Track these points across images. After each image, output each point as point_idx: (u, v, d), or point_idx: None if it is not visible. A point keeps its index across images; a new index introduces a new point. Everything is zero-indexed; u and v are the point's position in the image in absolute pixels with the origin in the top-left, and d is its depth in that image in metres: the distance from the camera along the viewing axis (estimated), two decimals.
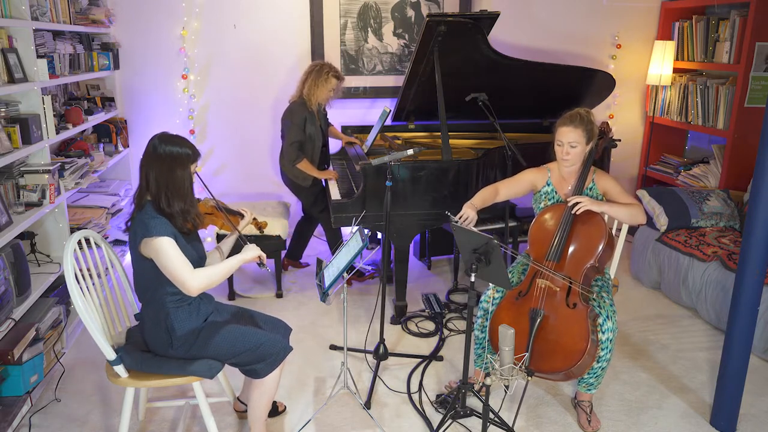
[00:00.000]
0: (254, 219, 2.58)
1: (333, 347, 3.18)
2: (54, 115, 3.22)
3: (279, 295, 3.79)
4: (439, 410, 2.66)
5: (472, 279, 2.18)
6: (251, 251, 2.28)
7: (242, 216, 2.52)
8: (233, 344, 2.16)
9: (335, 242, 3.87)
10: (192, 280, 2.08)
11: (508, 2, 4.55)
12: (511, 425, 2.46)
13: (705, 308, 3.44)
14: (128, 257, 4.18)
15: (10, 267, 2.53)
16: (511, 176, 2.78)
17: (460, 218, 2.50)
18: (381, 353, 2.95)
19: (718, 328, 3.40)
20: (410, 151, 2.84)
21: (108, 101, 4.22)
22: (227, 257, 2.40)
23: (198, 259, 2.21)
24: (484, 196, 2.65)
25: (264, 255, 2.31)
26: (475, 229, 2.21)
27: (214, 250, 2.48)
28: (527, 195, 2.78)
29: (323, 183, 3.84)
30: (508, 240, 3.75)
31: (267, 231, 3.52)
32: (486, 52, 3.59)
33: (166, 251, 2.06)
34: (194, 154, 2.18)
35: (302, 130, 3.61)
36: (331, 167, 4.00)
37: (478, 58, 3.63)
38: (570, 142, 2.50)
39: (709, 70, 4.53)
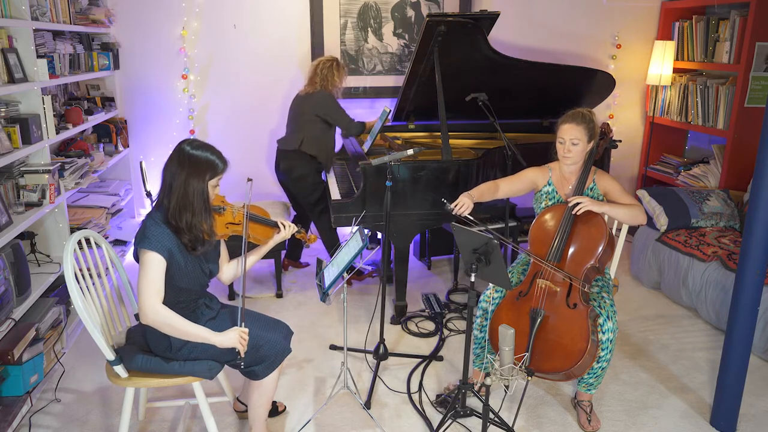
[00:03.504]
0: (299, 232, 2.47)
1: (333, 347, 3.18)
2: (54, 115, 3.22)
3: (279, 295, 3.79)
4: (439, 410, 2.66)
5: (472, 279, 2.18)
6: (228, 338, 2.07)
7: (278, 229, 2.40)
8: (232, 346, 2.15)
9: (332, 245, 3.86)
10: (151, 310, 1.99)
11: (508, 2, 4.56)
12: (511, 425, 2.46)
13: (705, 308, 3.44)
14: (128, 257, 4.18)
15: (10, 267, 2.53)
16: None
17: (455, 206, 2.51)
18: (381, 353, 2.96)
19: (718, 328, 3.40)
20: (410, 151, 2.84)
21: (108, 101, 4.22)
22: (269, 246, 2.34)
23: (200, 279, 2.16)
24: (483, 190, 2.66)
25: (242, 349, 2.08)
26: (475, 229, 2.21)
27: (234, 261, 2.39)
28: (527, 195, 2.79)
29: (324, 180, 3.85)
30: (508, 240, 3.74)
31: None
32: (486, 52, 3.59)
33: (148, 268, 2.00)
34: (221, 164, 2.09)
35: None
36: (334, 166, 4.03)
37: (478, 58, 3.63)
38: (571, 138, 2.51)
39: (709, 70, 4.53)
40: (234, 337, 2.08)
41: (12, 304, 2.52)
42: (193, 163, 2.05)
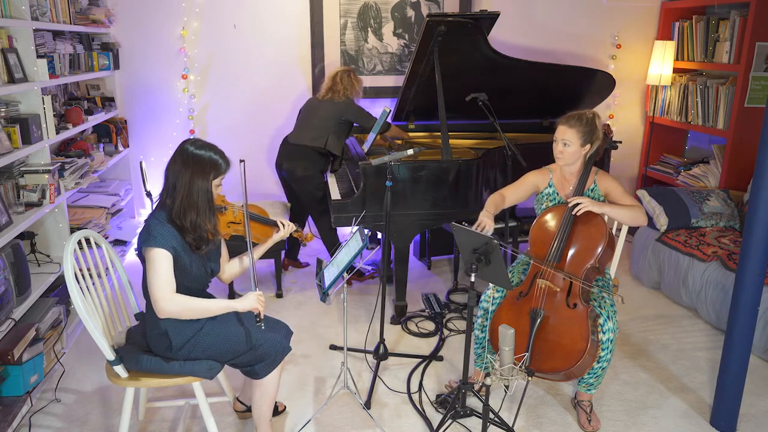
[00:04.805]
0: (296, 231, 2.49)
1: (333, 347, 3.18)
2: (54, 115, 3.22)
3: (279, 295, 3.79)
4: (439, 410, 2.66)
5: (472, 279, 2.18)
6: (248, 302, 2.14)
7: (278, 228, 2.42)
8: (232, 346, 2.16)
9: (332, 245, 3.87)
10: (166, 302, 2.00)
11: (508, 2, 4.55)
12: (511, 425, 2.46)
13: (705, 308, 3.44)
14: (128, 257, 4.19)
15: (10, 267, 2.53)
16: (513, 180, 2.78)
17: (477, 226, 2.47)
18: (381, 353, 2.96)
19: (718, 328, 3.40)
20: (410, 151, 2.84)
21: (108, 101, 4.22)
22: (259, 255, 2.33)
23: (203, 279, 2.18)
24: (496, 203, 2.64)
25: (262, 309, 2.16)
26: (475, 229, 2.21)
27: (235, 260, 2.41)
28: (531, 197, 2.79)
29: (325, 179, 3.86)
30: (508, 240, 3.75)
31: None
32: (486, 52, 3.59)
33: (155, 263, 2.01)
34: (224, 164, 2.11)
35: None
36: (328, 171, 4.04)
37: (478, 58, 3.63)
38: (563, 139, 2.53)
39: (709, 70, 4.53)
40: (253, 300, 2.15)
41: (12, 304, 2.52)
42: (197, 163, 2.07)
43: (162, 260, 2.02)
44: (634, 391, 2.83)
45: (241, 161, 2.36)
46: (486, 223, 2.49)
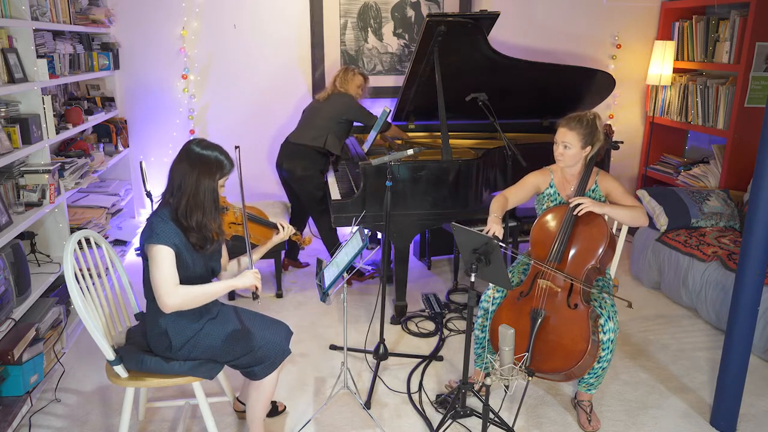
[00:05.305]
0: (295, 234, 2.51)
1: (333, 347, 3.18)
2: (54, 115, 3.22)
3: (279, 295, 3.79)
4: (439, 410, 2.66)
5: (472, 279, 2.18)
6: (247, 279, 2.18)
7: (277, 230, 2.44)
8: (232, 347, 2.16)
9: (332, 245, 3.87)
10: (170, 296, 2.01)
11: (508, 2, 4.56)
12: (511, 425, 2.46)
13: (705, 308, 3.44)
14: (128, 257, 4.18)
15: (10, 267, 2.53)
16: (513, 180, 2.78)
17: (487, 232, 2.47)
18: (381, 353, 2.96)
19: (718, 328, 3.40)
20: (410, 151, 2.84)
21: (108, 101, 4.22)
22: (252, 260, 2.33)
23: (204, 278, 2.18)
24: (501, 205, 2.64)
25: (260, 286, 2.21)
26: (475, 229, 2.21)
27: (233, 261, 2.42)
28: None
29: (326, 179, 3.86)
30: (509, 240, 3.75)
31: None
32: (486, 52, 3.59)
33: (158, 260, 2.02)
34: (228, 163, 2.12)
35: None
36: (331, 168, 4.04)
37: (478, 58, 3.63)
38: (563, 142, 2.53)
39: (709, 70, 4.53)
40: (251, 277, 2.19)
41: (12, 304, 2.52)
42: (204, 163, 2.07)
43: (165, 257, 2.02)
44: (634, 391, 2.83)
45: (236, 147, 2.37)
46: (495, 229, 2.48)
